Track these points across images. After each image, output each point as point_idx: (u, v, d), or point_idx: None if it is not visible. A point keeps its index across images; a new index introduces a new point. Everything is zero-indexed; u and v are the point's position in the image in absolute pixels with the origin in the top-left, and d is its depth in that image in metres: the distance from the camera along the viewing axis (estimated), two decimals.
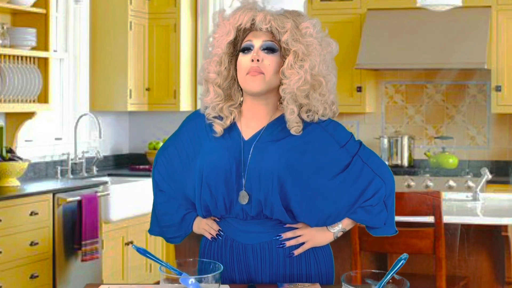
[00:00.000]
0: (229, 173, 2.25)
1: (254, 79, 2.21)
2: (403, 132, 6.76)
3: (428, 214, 3.71)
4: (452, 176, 6.18)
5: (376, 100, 6.84)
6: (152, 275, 6.11)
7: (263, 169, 2.22)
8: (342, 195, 2.28)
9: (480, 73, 6.52)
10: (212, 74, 2.27)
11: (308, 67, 2.21)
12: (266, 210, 2.25)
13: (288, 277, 2.33)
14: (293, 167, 2.22)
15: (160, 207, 2.48)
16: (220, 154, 2.27)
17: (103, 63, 6.47)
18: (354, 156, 2.30)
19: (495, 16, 6.26)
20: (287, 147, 2.24)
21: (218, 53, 2.26)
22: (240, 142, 2.28)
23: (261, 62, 2.21)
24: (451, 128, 6.68)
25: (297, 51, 2.20)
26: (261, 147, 2.26)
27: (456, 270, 4.16)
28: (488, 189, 5.80)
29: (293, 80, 2.20)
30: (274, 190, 2.22)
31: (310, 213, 2.27)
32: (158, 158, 2.47)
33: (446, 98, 6.70)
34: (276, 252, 2.31)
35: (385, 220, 2.34)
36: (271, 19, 2.21)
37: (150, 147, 6.82)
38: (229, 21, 2.24)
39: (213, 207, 2.29)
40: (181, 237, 2.47)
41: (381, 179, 2.31)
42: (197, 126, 2.37)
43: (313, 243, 2.33)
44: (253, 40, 2.23)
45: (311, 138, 2.27)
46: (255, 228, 2.30)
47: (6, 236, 4.66)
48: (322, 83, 2.24)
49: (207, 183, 2.26)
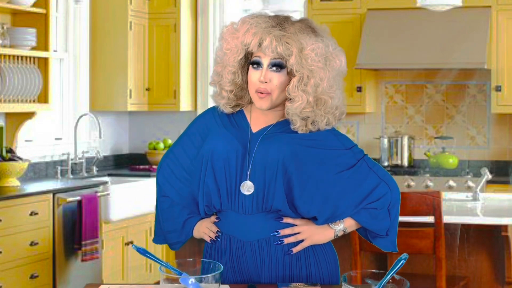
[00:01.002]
0: (234, 160, 2.31)
1: (262, 99, 2.31)
2: (403, 132, 6.76)
3: (428, 214, 3.71)
4: (452, 176, 6.18)
5: (376, 100, 6.84)
6: (152, 275, 6.11)
7: (269, 156, 2.28)
8: (345, 193, 2.29)
9: (480, 73, 6.52)
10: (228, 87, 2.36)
11: (311, 89, 2.27)
12: (268, 199, 2.28)
13: (288, 278, 2.33)
14: (297, 157, 2.27)
15: (162, 213, 2.50)
16: (229, 140, 2.33)
17: (103, 63, 6.47)
18: (360, 160, 2.33)
19: (495, 16, 6.26)
20: (294, 138, 2.31)
21: (230, 64, 2.34)
22: (248, 133, 2.35)
23: (269, 83, 2.29)
24: (451, 128, 6.68)
25: (301, 75, 2.27)
26: (268, 137, 2.33)
27: (456, 270, 4.16)
28: (488, 189, 5.80)
29: (296, 104, 2.28)
30: (278, 177, 2.26)
31: (311, 205, 2.28)
32: (163, 161, 2.50)
33: (446, 98, 6.70)
34: (275, 250, 2.32)
35: (387, 229, 2.34)
36: (277, 44, 2.25)
37: (150, 147, 6.82)
38: (238, 39, 2.30)
39: (215, 194, 2.32)
40: (181, 242, 2.51)
41: (387, 185, 2.33)
42: (206, 120, 2.44)
43: (312, 240, 2.34)
44: (262, 58, 2.29)
45: (318, 136, 2.32)
46: (253, 222, 2.31)
47: (6, 236, 4.66)
48: (327, 101, 2.31)
49: (212, 168, 2.31)
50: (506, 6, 6.25)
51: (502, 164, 6.48)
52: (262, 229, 2.31)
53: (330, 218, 2.32)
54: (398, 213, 2.38)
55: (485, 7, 6.27)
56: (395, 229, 2.37)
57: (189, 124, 2.50)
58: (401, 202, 2.40)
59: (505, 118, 6.51)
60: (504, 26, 6.25)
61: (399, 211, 2.38)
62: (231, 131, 2.36)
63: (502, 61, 6.26)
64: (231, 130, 2.36)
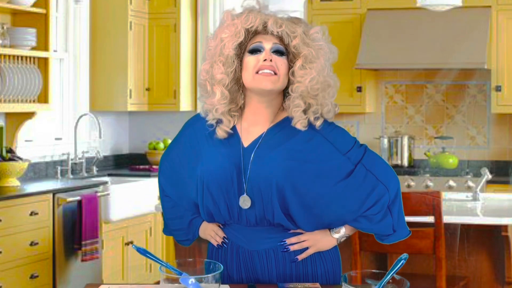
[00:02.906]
0: (230, 182, 2.26)
1: (267, 78, 2.22)
2: (403, 132, 6.76)
3: (428, 214, 3.71)
4: (452, 176, 6.18)
5: (376, 100, 6.84)
6: (152, 275, 6.11)
7: (262, 176, 2.23)
8: (344, 202, 2.27)
9: (480, 73, 6.52)
10: (219, 75, 2.26)
11: (318, 69, 2.24)
12: (268, 215, 2.26)
13: (295, 277, 2.34)
14: (292, 175, 2.22)
15: (167, 212, 2.50)
16: (220, 163, 2.27)
17: (103, 63, 6.47)
18: (357, 164, 2.28)
19: (495, 16, 6.26)
20: (286, 155, 2.24)
21: (225, 53, 2.25)
22: (239, 149, 2.29)
23: (273, 63, 2.23)
24: (451, 128, 6.68)
25: (307, 54, 2.23)
26: (261, 154, 2.26)
27: (456, 270, 4.16)
28: (488, 189, 5.79)
29: (307, 79, 2.22)
30: (274, 197, 2.23)
31: (310, 221, 2.27)
32: (162, 163, 2.48)
33: (446, 98, 6.70)
34: (282, 259, 2.32)
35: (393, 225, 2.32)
36: (283, 23, 2.23)
37: (150, 147, 6.82)
38: (239, 22, 2.24)
39: (216, 213, 2.31)
40: (190, 240, 2.49)
41: (385, 186, 2.29)
42: (196, 132, 2.36)
43: (317, 248, 2.34)
44: (264, 42, 2.24)
45: (311, 146, 2.26)
46: (259, 234, 2.30)
47: (6, 236, 4.66)
48: (331, 84, 2.27)
49: (208, 191, 2.27)
50: (506, 6, 6.25)
51: (502, 164, 6.48)
52: (269, 239, 2.31)
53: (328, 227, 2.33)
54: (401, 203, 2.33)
55: (485, 7, 6.27)
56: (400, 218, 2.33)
57: (181, 128, 2.43)
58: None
59: (505, 118, 6.51)
60: (504, 26, 6.25)
61: (401, 202, 2.34)
62: (222, 151, 2.28)
63: (502, 61, 6.26)
64: (222, 150, 2.28)
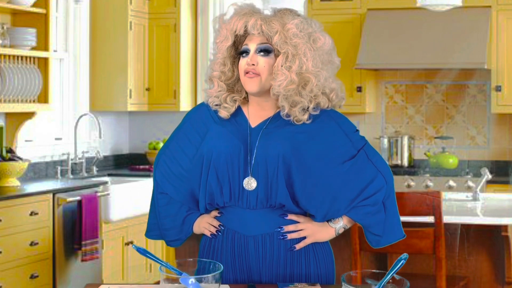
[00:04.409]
0: (237, 159, 2.31)
1: (251, 80, 2.32)
2: (403, 132, 6.76)
3: (428, 214, 3.71)
4: (452, 176, 6.18)
5: (376, 100, 6.84)
6: (152, 275, 6.11)
7: (269, 151, 2.29)
8: (345, 185, 2.31)
9: (480, 73, 6.52)
10: (216, 73, 2.38)
11: (296, 67, 2.28)
12: (272, 195, 2.28)
13: (288, 277, 2.34)
14: (298, 151, 2.28)
15: (161, 210, 2.49)
16: (228, 139, 2.33)
17: (103, 63, 6.47)
18: (360, 150, 2.34)
19: (495, 16, 6.26)
20: (293, 132, 2.31)
21: (219, 56, 2.37)
22: (247, 128, 2.35)
23: (257, 65, 2.31)
24: (451, 128, 6.68)
25: (286, 52, 2.28)
26: (269, 132, 2.33)
27: (456, 270, 4.16)
28: (488, 189, 5.80)
29: (278, 81, 2.28)
30: (280, 172, 2.27)
31: (312, 200, 2.30)
32: (159, 158, 2.49)
33: (446, 98, 6.70)
34: (277, 245, 2.33)
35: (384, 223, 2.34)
36: (262, 23, 2.30)
37: (150, 147, 6.82)
38: (226, 27, 2.35)
39: (218, 193, 2.32)
40: (181, 240, 2.49)
41: (384, 178, 2.34)
42: (201, 115, 2.43)
43: (315, 238, 2.36)
44: (249, 44, 2.33)
45: (318, 126, 2.33)
46: (258, 217, 2.32)
47: (6, 236, 4.66)
48: (311, 80, 2.29)
49: (214, 167, 2.31)
50: (506, 6, 6.25)
51: (502, 164, 6.48)
52: (267, 224, 2.33)
53: (327, 214, 2.34)
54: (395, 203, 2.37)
55: (485, 7, 6.27)
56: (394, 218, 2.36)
57: (183, 119, 2.49)
58: (401, 202, 2.40)
59: (505, 118, 6.51)
60: (504, 26, 6.25)
61: (396, 201, 2.38)
62: (229, 129, 2.36)
63: (502, 61, 6.26)
64: (230, 128, 2.36)
